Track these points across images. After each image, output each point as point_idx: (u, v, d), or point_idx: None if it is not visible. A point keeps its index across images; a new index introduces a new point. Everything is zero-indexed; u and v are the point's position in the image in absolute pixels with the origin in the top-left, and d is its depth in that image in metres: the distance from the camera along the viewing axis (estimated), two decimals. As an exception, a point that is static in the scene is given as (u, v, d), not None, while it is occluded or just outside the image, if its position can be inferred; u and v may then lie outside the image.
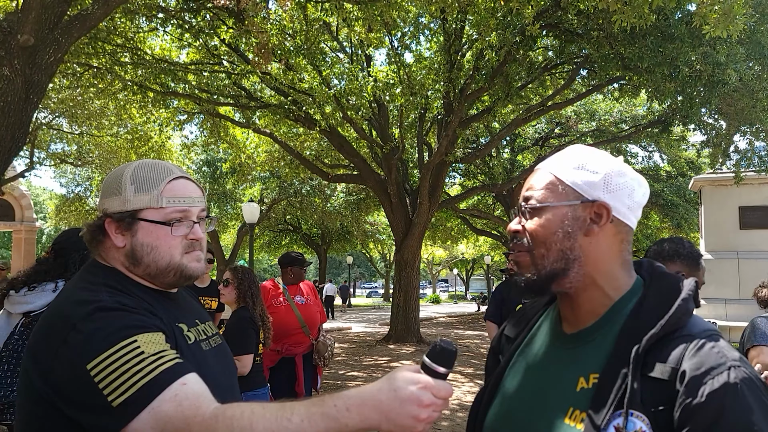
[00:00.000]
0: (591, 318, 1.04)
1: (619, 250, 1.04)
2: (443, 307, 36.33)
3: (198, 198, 1.33)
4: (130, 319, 1.12)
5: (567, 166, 1.04)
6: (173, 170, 1.31)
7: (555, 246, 1.02)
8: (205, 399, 1.05)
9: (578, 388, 0.98)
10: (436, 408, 0.97)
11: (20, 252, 19.28)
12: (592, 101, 17.41)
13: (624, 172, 1.03)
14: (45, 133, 17.01)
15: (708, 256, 10.44)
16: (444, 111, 12.86)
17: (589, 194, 1.01)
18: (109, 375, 1.03)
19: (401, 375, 0.97)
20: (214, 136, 15.06)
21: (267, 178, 22.34)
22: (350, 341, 14.96)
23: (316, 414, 0.97)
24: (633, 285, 1.04)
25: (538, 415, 1.02)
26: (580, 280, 1.03)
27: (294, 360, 4.41)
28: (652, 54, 8.70)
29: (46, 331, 1.13)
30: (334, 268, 52.00)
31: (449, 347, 1.00)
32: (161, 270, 1.27)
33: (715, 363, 0.87)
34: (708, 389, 0.85)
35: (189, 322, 1.33)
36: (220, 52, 11.72)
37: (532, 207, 1.05)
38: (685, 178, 18.52)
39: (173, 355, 1.11)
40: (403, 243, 14.07)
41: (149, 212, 1.26)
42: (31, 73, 5.77)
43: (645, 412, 0.88)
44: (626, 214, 1.03)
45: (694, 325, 0.95)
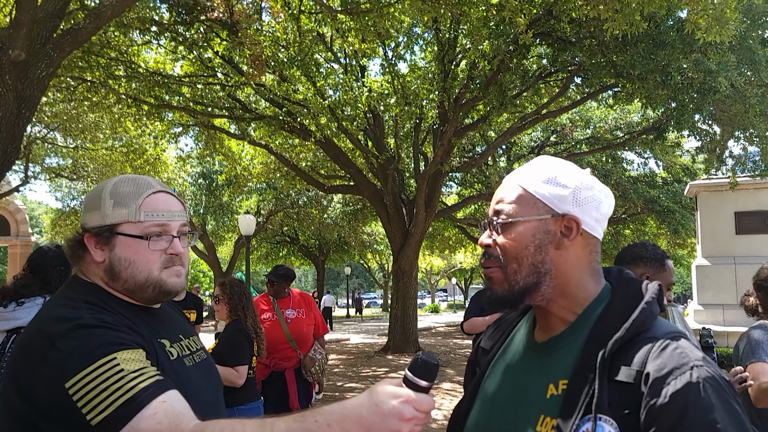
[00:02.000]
0: (561, 326, 1.05)
1: (588, 261, 1.05)
2: (442, 317, 36.23)
3: (178, 212, 1.32)
4: (109, 336, 1.11)
5: (536, 179, 1.04)
6: (153, 185, 1.30)
7: (527, 260, 1.03)
8: (185, 416, 1.04)
9: (548, 395, 0.99)
10: (418, 422, 0.96)
11: (15, 267, 19.19)
12: (586, 109, 17.47)
13: (592, 185, 1.04)
14: (39, 147, 16.99)
15: (705, 262, 10.42)
16: (439, 120, 12.88)
17: (559, 208, 1.02)
18: (87, 393, 1.02)
19: (382, 389, 0.96)
20: (210, 149, 15.06)
21: (263, 190, 22.33)
22: (348, 352, 14.88)
23: (297, 430, 0.96)
24: (601, 292, 1.05)
25: (511, 423, 1.02)
26: (552, 292, 1.04)
27: (284, 375, 4.36)
28: (643, 61, 8.74)
29: (25, 349, 1.13)
30: (332, 279, 51.87)
31: (431, 360, 1.00)
32: (140, 285, 1.26)
33: (678, 363, 0.88)
34: (671, 389, 0.86)
35: (172, 338, 1.32)
36: (214, 64, 11.73)
37: (503, 222, 1.05)
38: (681, 184, 18.55)
39: (153, 372, 1.10)
40: (401, 253, 14.04)
41: (127, 226, 1.25)
42: (23, 88, 5.76)
43: (613, 416, 0.88)
44: (594, 227, 1.04)
45: (658, 327, 0.96)
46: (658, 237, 22.25)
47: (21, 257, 19.23)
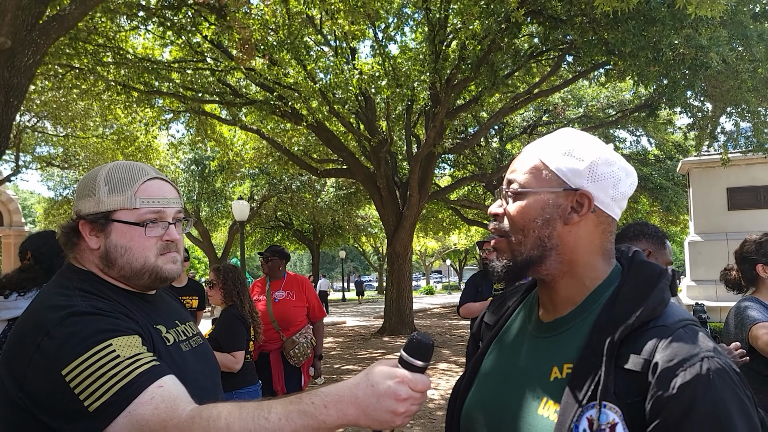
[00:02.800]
0: (568, 306, 1.02)
1: (600, 241, 1.01)
2: (437, 298, 36.43)
3: (174, 199, 1.31)
4: (104, 323, 1.11)
5: (554, 151, 1.01)
6: (148, 171, 1.30)
7: (533, 233, 1.00)
8: (182, 401, 1.04)
9: (552, 378, 0.97)
10: (414, 401, 0.96)
11: (10, 256, 19.11)
12: (579, 87, 17.43)
13: (612, 161, 1.00)
14: (30, 136, 16.85)
15: (698, 238, 10.50)
16: (431, 102, 12.83)
17: (573, 182, 0.98)
18: (84, 380, 1.02)
19: (378, 370, 0.97)
20: (201, 135, 14.95)
21: (256, 175, 22.24)
22: (345, 335, 14.97)
23: (294, 412, 0.97)
24: (611, 273, 1.02)
25: (512, 404, 1.01)
26: (557, 268, 1.01)
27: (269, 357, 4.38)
28: (634, 38, 8.70)
29: (20, 338, 1.12)
30: (327, 262, 51.95)
31: (426, 340, 1.00)
32: (136, 272, 1.26)
33: (688, 354, 0.86)
34: (680, 381, 0.84)
35: (168, 324, 1.33)
36: (203, 49, 11.61)
37: (514, 191, 1.02)
38: (674, 161, 18.61)
39: (150, 357, 1.10)
40: (395, 236, 14.07)
41: (123, 213, 1.25)
42: (9, 76, 5.69)
43: (618, 404, 0.87)
44: (609, 205, 1.00)
45: (669, 315, 0.93)
46: (651, 214, 22.37)
47: (15, 247, 19.14)
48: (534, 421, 0.95)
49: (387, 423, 0.96)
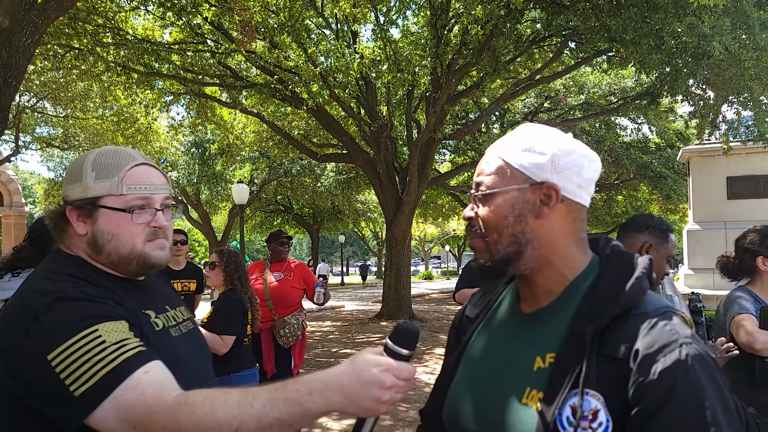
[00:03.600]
0: (548, 297, 1.04)
1: (572, 229, 1.04)
2: (436, 284, 36.56)
3: (161, 185, 1.31)
4: (91, 309, 1.11)
5: (514, 148, 1.03)
6: (135, 157, 1.29)
7: (507, 231, 1.02)
8: (168, 387, 1.05)
9: (535, 367, 0.98)
10: (399, 390, 0.98)
11: (10, 237, 19.16)
12: (581, 74, 17.32)
13: (572, 150, 1.02)
14: (29, 116, 16.78)
15: (696, 227, 10.52)
16: (432, 87, 12.76)
17: (537, 176, 1.01)
18: (70, 365, 1.03)
19: (363, 358, 0.98)
20: (201, 117, 14.90)
21: (256, 159, 22.19)
22: (343, 319, 15.05)
23: (278, 399, 0.98)
24: (589, 263, 1.04)
25: (495, 395, 1.02)
26: (535, 261, 1.03)
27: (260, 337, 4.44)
28: (637, 25, 8.63)
29: (8, 322, 1.13)
30: (326, 247, 52.05)
31: (411, 328, 1.01)
32: (123, 258, 1.26)
33: (667, 341, 0.89)
34: (660, 367, 0.86)
35: (157, 309, 1.32)
36: (203, 30, 11.52)
37: (483, 194, 1.05)
38: (674, 150, 18.54)
39: (136, 343, 1.10)
40: (394, 221, 14.08)
41: (109, 199, 1.24)
42: (8, 56, 5.66)
43: (600, 391, 0.88)
44: (577, 193, 1.02)
45: (648, 303, 0.96)
46: (651, 203, 22.37)
47: (15, 227, 19.19)
48: (518, 410, 0.96)
49: (372, 410, 0.97)
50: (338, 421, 5.58)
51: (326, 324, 13.75)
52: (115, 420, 1.02)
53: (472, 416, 1.05)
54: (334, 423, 5.53)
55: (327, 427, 5.41)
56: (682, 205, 19.96)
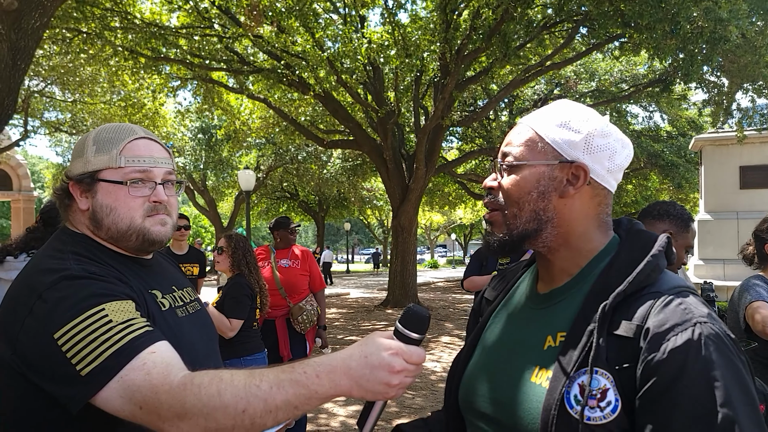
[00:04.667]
0: (564, 277, 1.03)
1: (595, 212, 1.01)
2: (441, 272, 36.60)
3: (163, 159, 1.28)
4: (97, 287, 1.10)
5: (549, 122, 1.00)
6: (136, 131, 1.27)
7: (528, 206, 1.00)
8: (174, 367, 1.03)
9: (545, 346, 0.97)
10: (408, 374, 0.96)
11: (19, 221, 19.28)
12: (592, 61, 17.14)
13: (608, 133, 0.99)
14: (38, 100, 16.81)
15: (707, 217, 10.41)
16: (440, 73, 12.64)
17: (568, 154, 0.98)
18: (77, 344, 1.02)
19: (372, 341, 0.96)
20: (208, 103, 14.89)
21: (263, 145, 22.17)
22: (348, 306, 15.07)
23: (285, 381, 0.96)
24: (608, 244, 1.02)
25: (507, 375, 1.01)
26: (553, 240, 1.01)
27: (275, 324, 4.45)
28: (652, 10, 8.49)
29: (13, 301, 1.12)
30: (332, 234, 52.15)
31: (422, 313, 0.99)
32: (122, 233, 1.24)
33: (680, 320, 0.86)
34: (670, 345, 0.84)
35: (164, 289, 1.31)
36: (211, 14, 11.46)
37: (509, 164, 1.02)
38: (686, 138, 18.37)
39: (143, 323, 1.09)
40: (400, 209, 14.03)
41: (107, 172, 1.23)
42: (17, 38, 5.62)
43: (609, 370, 0.87)
44: (605, 177, 1.00)
45: (664, 281, 0.93)
46: (661, 192, 22.21)
47: (24, 212, 19.29)
48: (527, 389, 0.95)
49: (380, 394, 0.96)
50: (344, 406, 5.57)
51: (331, 311, 13.76)
52: (120, 400, 1.00)
53: (485, 397, 1.04)
54: (340, 408, 5.52)
55: (333, 413, 5.40)
56: (693, 194, 19.80)
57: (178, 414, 0.97)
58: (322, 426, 5.07)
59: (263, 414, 0.96)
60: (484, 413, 1.04)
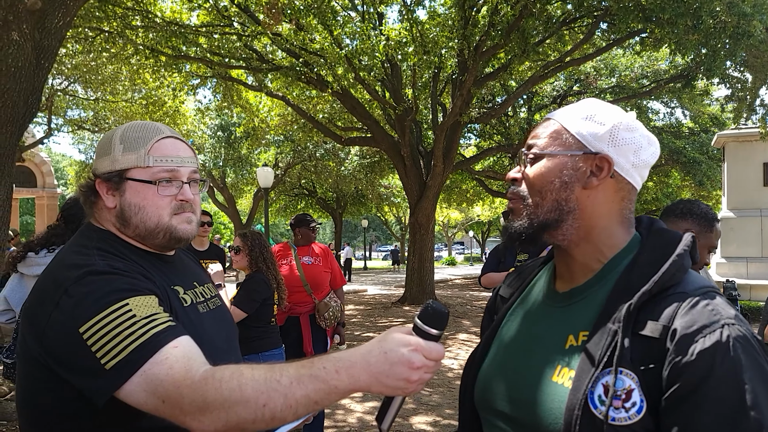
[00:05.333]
0: (585, 275, 1.02)
1: (618, 207, 1.01)
2: (459, 270, 36.48)
3: (188, 158, 1.31)
4: (121, 283, 1.12)
5: (575, 115, 1.01)
6: (163, 130, 1.29)
7: (550, 195, 1.00)
8: (196, 362, 1.04)
9: (567, 345, 0.96)
10: (428, 370, 0.96)
11: (43, 217, 19.62)
12: (612, 56, 16.92)
13: (634, 128, 1.00)
14: (61, 99, 17.06)
15: (730, 214, 10.25)
16: (458, 69, 12.59)
17: (593, 146, 0.98)
18: (101, 338, 1.04)
19: (392, 337, 0.97)
20: (228, 101, 15.01)
21: (281, 142, 22.28)
22: (366, 303, 15.11)
23: (305, 376, 0.97)
24: (629, 242, 1.01)
25: (526, 374, 1.01)
26: (574, 233, 1.01)
27: (299, 320, 4.48)
28: (674, 4, 8.37)
29: (40, 295, 1.15)
30: (349, 231, 52.22)
31: (441, 309, 0.99)
32: (150, 231, 1.26)
33: (708, 321, 0.85)
34: (699, 347, 0.83)
35: (186, 285, 1.33)
36: (230, 13, 11.55)
37: (534, 154, 1.03)
38: (708, 135, 18.07)
39: (165, 318, 1.11)
40: (418, 206, 14.01)
41: (136, 171, 1.25)
42: (40, 37, 5.71)
43: (634, 370, 0.86)
44: (630, 171, 0.99)
45: (689, 282, 0.92)
46: (682, 189, 21.87)
47: (48, 208, 19.63)
48: (549, 388, 0.94)
49: (399, 390, 0.96)
50: (361, 403, 5.61)
51: (348, 308, 13.82)
52: (144, 394, 1.02)
53: (503, 396, 1.04)
54: (358, 405, 5.55)
55: (350, 409, 5.43)
56: (716, 191, 19.47)
57: (200, 408, 0.98)
58: (339, 422, 5.11)
59: (283, 409, 0.97)
60: (501, 412, 1.03)
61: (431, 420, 5.16)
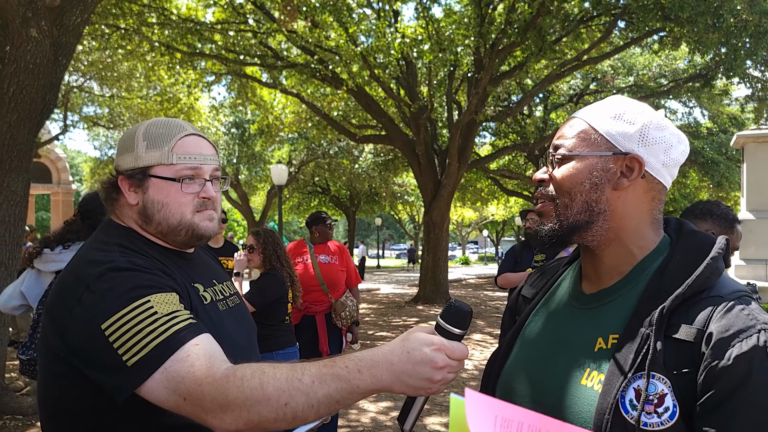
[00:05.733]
0: (614, 277, 1.00)
1: (649, 207, 0.99)
2: (473, 269, 36.37)
3: (210, 156, 1.31)
4: (142, 279, 1.12)
5: (603, 115, 0.98)
6: (186, 127, 1.29)
7: (580, 197, 0.97)
8: (217, 359, 1.04)
9: (596, 348, 0.94)
10: (451, 369, 0.96)
11: (58, 213, 19.82)
12: (629, 55, 16.76)
13: (664, 126, 0.97)
14: (77, 95, 17.20)
15: (749, 216, 10.09)
16: (474, 68, 12.52)
17: (623, 146, 0.96)
18: (123, 335, 1.04)
19: (414, 336, 0.96)
20: (242, 98, 15.07)
21: (295, 140, 22.32)
22: (379, 302, 15.09)
23: (327, 375, 0.96)
24: (659, 243, 0.99)
25: (552, 376, 0.99)
26: (604, 234, 0.98)
27: (315, 319, 4.46)
28: (693, 3, 8.25)
29: (61, 291, 1.15)
30: (362, 229, 52.28)
31: (463, 308, 0.98)
32: (172, 228, 1.27)
33: (744, 325, 0.83)
34: (735, 352, 0.81)
35: (205, 282, 1.33)
36: (245, 10, 11.58)
37: (562, 155, 1.00)
38: (727, 135, 17.84)
39: (186, 315, 1.11)
40: (432, 204, 13.97)
41: (160, 168, 1.25)
42: (59, 34, 5.75)
43: (667, 375, 0.84)
44: (660, 171, 0.97)
45: (723, 285, 0.90)
46: (700, 190, 21.62)
47: (63, 204, 19.83)
48: (577, 391, 0.93)
49: (422, 390, 0.96)
50: (375, 402, 5.58)
51: (362, 306, 13.80)
52: (165, 391, 1.02)
53: (527, 398, 1.02)
54: (371, 405, 5.53)
55: (364, 409, 5.41)
56: (734, 192, 19.24)
57: (221, 406, 0.97)
58: (352, 421, 5.09)
59: (305, 408, 0.96)
60: None
61: (445, 421, 5.13)
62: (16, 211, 5.20)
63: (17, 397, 5.19)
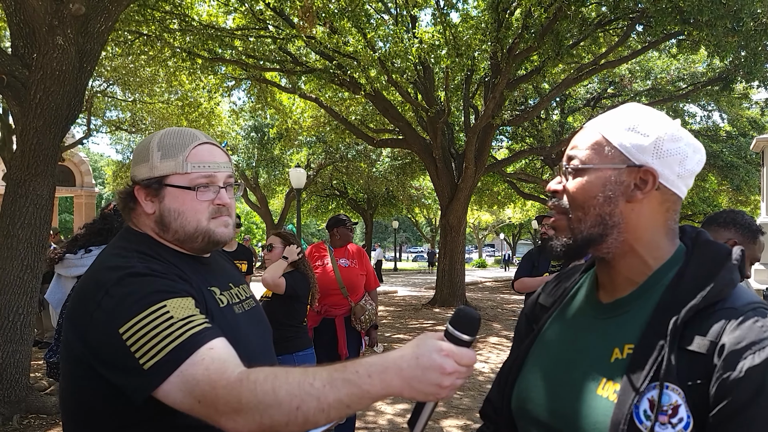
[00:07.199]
0: (629, 287, 1.00)
1: (663, 219, 0.98)
2: (489, 272, 36.19)
3: (224, 164, 1.34)
4: (159, 284, 1.15)
5: (617, 126, 0.98)
6: (198, 136, 1.33)
7: (593, 210, 0.97)
8: (231, 363, 1.06)
9: (612, 359, 0.95)
10: (460, 375, 0.97)
11: (81, 216, 20.14)
12: (647, 59, 16.60)
13: (679, 137, 0.96)
14: (100, 100, 17.50)
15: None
16: (491, 72, 12.53)
17: (637, 158, 0.95)
18: (140, 339, 1.07)
19: (424, 342, 0.97)
20: (261, 102, 15.22)
21: (313, 143, 22.48)
22: (396, 305, 15.13)
23: (338, 380, 0.98)
24: (674, 253, 0.99)
25: (569, 385, 0.99)
26: (619, 246, 0.98)
27: (334, 322, 4.47)
28: (712, 6, 8.19)
29: (82, 296, 1.19)
30: (380, 232, 52.32)
31: (473, 314, 1.00)
32: (189, 235, 1.30)
33: (757, 338, 0.83)
34: (748, 364, 0.81)
35: (222, 286, 1.36)
36: (265, 16, 11.72)
37: (575, 167, 1.00)
38: (747, 138, 17.59)
39: (202, 319, 1.13)
40: (449, 207, 13.99)
41: (175, 178, 1.28)
42: (84, 42, 5.90)
43: (681, 386, 0.85)
44: (675, 182, 0.96)
45: (738, 297, 0.90)
46: (719, 194, 21.33)
47: (86, 207, 20.16)
48: (593, 402, 0.93)
49: (431, 395, 0.97)
50: (392, 405, 5.64)
51: (379, 309, 13.85)
52: (180, 393, 1.05)
53: (543, 406, 1.03)
54: (388, 407, 5.59)
55: (381, 411, 5.47)
56: (754, 196, 18.94)
57: (235, 409, 1.00)
58: (370, 423, 5.15)
59: (316, 412, 0.98)
60: (541, 422, 1.03)
61: (462, 424, 5.17)
62: (42, 215, 5.28)
63: (41, 396, 5.27)
